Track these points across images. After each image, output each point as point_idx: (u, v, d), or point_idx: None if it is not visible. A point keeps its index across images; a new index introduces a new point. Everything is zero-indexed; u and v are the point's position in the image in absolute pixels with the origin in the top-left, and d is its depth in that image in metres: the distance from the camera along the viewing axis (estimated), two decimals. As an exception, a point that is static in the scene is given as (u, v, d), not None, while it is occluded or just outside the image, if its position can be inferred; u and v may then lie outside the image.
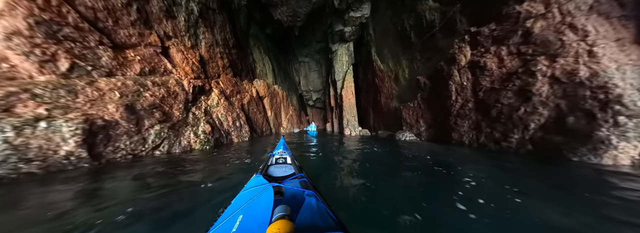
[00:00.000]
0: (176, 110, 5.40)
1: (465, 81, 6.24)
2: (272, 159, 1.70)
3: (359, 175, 2.94)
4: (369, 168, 3.28)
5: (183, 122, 5.48)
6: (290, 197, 0.97)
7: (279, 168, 1.50)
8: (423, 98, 8.01)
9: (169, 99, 5.27)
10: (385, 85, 10.62)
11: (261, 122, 10.54)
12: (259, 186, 1.03)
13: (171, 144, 4.93)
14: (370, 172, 3.07)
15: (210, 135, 5.85)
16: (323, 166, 3.57)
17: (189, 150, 5.24)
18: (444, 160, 3.83)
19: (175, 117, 5.30)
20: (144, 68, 5.10)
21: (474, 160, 3.85)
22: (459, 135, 6.29)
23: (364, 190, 2.30)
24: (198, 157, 4.31)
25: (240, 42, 10.82)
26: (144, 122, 4.47)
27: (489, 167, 3.25)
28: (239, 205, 0.84)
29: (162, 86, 5.21)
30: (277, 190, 1.00)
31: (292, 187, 1.04)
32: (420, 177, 2.69)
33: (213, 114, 6.55)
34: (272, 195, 0.87)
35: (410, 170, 3.03)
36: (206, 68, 7.44)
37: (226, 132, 6.80)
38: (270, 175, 1.36)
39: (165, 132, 4.85)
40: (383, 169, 3.23)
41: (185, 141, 5.27)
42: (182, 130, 5.33)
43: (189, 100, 5.87)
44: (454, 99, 6.42)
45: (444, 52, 7.08)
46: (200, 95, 6.49)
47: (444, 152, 4.81)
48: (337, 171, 3.19)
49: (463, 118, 6.19)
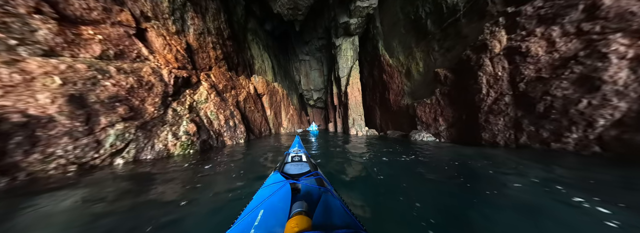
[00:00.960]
0: (150, 105, 4.16)
1: (500, 71, 5.08)
2: (288, 157, 1.66)
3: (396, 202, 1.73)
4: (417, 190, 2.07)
5: (159, 120, 4.23)
6: (307, 193, 0.97)
7: (295, 165, 1.44)
8: (443, 93, 6.85)
9: (140, 90, 4.02)
10: (395, 81, 9.47)
11: (259, 121, 9.29)
12: (277, 183, 1.01)
13: (140, 148, 3.68)
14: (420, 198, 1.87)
15: (194, 136, 4.59)
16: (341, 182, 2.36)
17: (166, 156, 3.98)
18: (502, 168, 2.62)
19: (147, 113, 4.05)
20: (107, 51, 3.85)
21: (541, 165, 2.63)
22: (491, 135, 5.05)
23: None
24: (171, 168, 3.07)
25: (237, 35, 9.61)
26: (98, 119, 3.22)
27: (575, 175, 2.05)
28: (259, 201, 0.84)
29: (132, 74, 3.97)
30: (294, 187, 1.00)
31: (308, 184, 1.03)
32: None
33: (200, 111, 5.29)
34: (289, 192, 0.87)
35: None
36: (194, 58, 6.21)
37: (217, 133, 5.54)
38: (287, 173, 1.27)
39: (131, 133, 3.60)
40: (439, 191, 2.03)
41: (161, 144, 4.01)
42: (156, 130, 4.07)
43: (168, 94, 4.62)
44: (485, 93, 5.22)
45: (471, 39, 5.94)
46: (185, 88, 5.25)
47: (483, 156, 3.61)
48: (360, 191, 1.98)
49: (497, 115, 4.92)
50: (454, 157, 3.68)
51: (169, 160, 3.68)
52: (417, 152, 4.26)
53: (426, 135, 7.16)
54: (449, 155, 3.87)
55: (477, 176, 2.33)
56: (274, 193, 0.87)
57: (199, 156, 4.03)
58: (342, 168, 2.88)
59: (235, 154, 4.22)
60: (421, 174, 2.52)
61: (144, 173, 2.76)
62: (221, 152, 4.49)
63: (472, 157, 3.58)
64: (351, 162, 3.31)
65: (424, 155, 3.84)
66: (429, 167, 2.82)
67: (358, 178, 2.42)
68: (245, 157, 3.97)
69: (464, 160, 3.26)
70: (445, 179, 2.25)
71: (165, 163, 3.36)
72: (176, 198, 1.77)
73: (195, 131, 4.62)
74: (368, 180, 2.35)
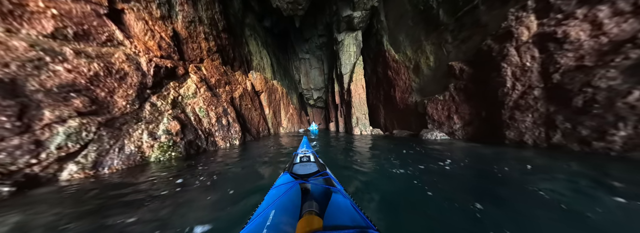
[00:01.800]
0: (121, 97, 3.31)
1: (529, 61, 4.37)
2: (297, 158, 1.58)
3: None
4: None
5: (132, 116, 3.38)
6: (317, 193, 0.95)
7: (304, 166, 1.37)
8: (458, 88, 6.11)
9: (108, 79, 3.18)
10: (401, 77, 8.72)
11: (257, 120, 8.44)
12: (286, 183, 0.98)
13: (103, 151, 2.83)
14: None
15: (177, 136, 3.75)
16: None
17: (139, 160, 3.14)
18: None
19: (117, 108, 3.20)
20: (64, 29, 3.00)
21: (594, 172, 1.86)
22: (517, 133, 4.34)
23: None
24: (134, 181, 2.23)
25: (233, 29, 8.78)
26: (40, 114, 2.38)
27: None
28: (270, 201, 0.81)
29: (98, 60, 3.13)
30: (304, 187, 0.98)
31: (317, 184, 1.01)
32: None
33: (186, 107, 4.45)
34: (299, 192, 0.85)
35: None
36: (183, 48, 5.37)
37: (206, 133, 4.69)
38: (296, 173, 1.20)
39: (91, 132, 2.75)
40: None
41: (133, 146, 3.17)
42: (128, 128, 3.23)
43: (147, 85, 3.78)
44: (510, 86, 4.47)
45: (491, 28, 5.24)
46: (169, 80, 4.40)
47: (515, 158, 2.84)
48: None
49: (524, 110, 4.22)
50: (481, 160, 2.87)
51: (142, 167, 2.85)
52: (439, 155, 3.45)
53: (439, 134, 6.39)
54: (476, 158, 3.07)
55: (526, 189, 1.55)
56: (284, 194, 0.85)
57: (181, 161, 3.20)
58: (359, 183, 2.07)
59: (227, 159, 3.38)
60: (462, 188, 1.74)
61: (83, 192, 1.93)
62: (210, 156, 3.65)
63: (502, 160, 2.79)
64: (370, 175, 2.50)
65: (447, 158, 3.03)
66: (463, 177, 2.04)
67: (384, 198, 1.62)
68: (240, 163, 3.14)
69: (497, 165, 2.46)
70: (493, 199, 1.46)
71: (132, 172, 2.54)
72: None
73: (178, 130, 3.78)
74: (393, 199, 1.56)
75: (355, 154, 3.73)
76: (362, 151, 4.15)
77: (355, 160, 3.09)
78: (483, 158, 3.13)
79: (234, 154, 3.87)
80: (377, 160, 3.10)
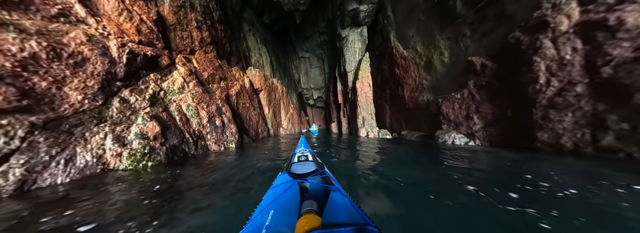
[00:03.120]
0: (76, 90, 2.37)
1: (569, 54, 3.73)
2: (295, 157, 1.52)
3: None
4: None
5: (92, 115, 2.44)
6: (315, 192, 0.92)
7: (302, 165, 1.32)
8: (479, 85, 5.42)
9: (54, 65, 2.24)
10: (410, 75, 7.98)
11: (256, 120, 7.51)
12: (285, 183, 0.95)
13: (37, 165, 1.90)
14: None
15: (157, 141, 2.82)
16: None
17: (99, 173, 2.21)
18: None
19: (66, 103, 2.26)
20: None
21: None
22: (551, 135, 3.76)
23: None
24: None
25: (230, 21, 7.82)
26: None
27: None
28: (269, 201, 0.79)
29: (41, 38, 2.19)
30: (302, 186, 0.95)
31: (315, 183, 0.98)
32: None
33: (170, 105, 3.51)
34: (298, 191, 0.82)
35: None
36: (169, 36, 4.42)
37: (195, 135, 3.76)
38: (294, 173, 1.16)
39: (16, 138, 1.82)
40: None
41: (90, 155, 2.24)
42: (84, 131, 2.29)
43: (116, 76, 2.84)
44: (544, 83, 3.86)
45: (519, 18, 4.61)
46: (149, 71, 3.46)
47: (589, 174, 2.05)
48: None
49: (562, 109, 3.65)
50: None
51: (97, 182, 1.93)
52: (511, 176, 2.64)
53: (458, 136, 5.65)
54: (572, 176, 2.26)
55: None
56: (283, 193, 0.81)
57: (157, 171, 2.29)
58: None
59: (219, 170, 2.48)
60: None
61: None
62: (197, 165, 2.74)
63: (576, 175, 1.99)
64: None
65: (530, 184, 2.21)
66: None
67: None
68: (235, 176, 2.24)
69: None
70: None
71: (73, 196, 1.64)
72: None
73: (158, 133, 2.85)
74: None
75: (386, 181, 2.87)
76: (389, 173, 3.30)
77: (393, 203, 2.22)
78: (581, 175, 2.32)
79: (228, 161, 2.96)
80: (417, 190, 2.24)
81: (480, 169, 2.65)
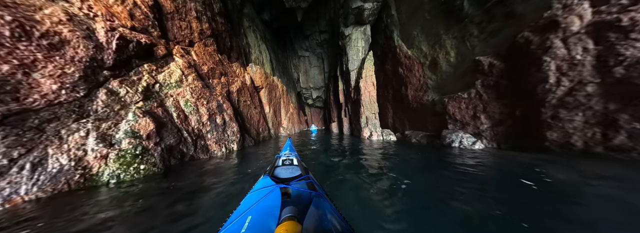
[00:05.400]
0: (50, 78, 1.91)
1: (580, 54, 3.70)
2: (279, 161, 1.41)
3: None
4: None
5: (69, 108, 1.98)
6: (298, 198, 0.85)
7: (286, 169, 1.23)
8: (487, 85, 5.25)
9: (20, 45, 1.77)
10: (415, 74, 7.74)
11: (257, 119, 7.05)
12: (266, 187, 0.88)
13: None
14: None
15: (150, 140, 2.37)
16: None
17: (77, 185, 1.74)
18: None
19: (37, 93, 1.80)
20: None
21: None
22: (561, 135, 3.65)
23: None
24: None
25: (230, 15, 7.32)
26: None
27: None
28: (247, 206, 0.73)
29: (5, 10, 1.71)
30: (284, 191, 0.88)
31: (299, 188, 0.91)
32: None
33: (167, 99, 3.04)
34: (279, 197, 0.76)
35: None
36: (166, 25, 3.94)
37: (194, 134, 3.30)
38: (277, 177, 1.10)
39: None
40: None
41: (66, 158, 1.78)
42: (58, 128, 1.83)
43: (103, 64, 2.38)
44: (553, 82, 3.75)
45: (529, 18, 4.50)
46: (143, 60, 2.98)
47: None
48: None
49: (572, 109, 3.55)
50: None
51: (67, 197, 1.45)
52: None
53: (466, 136, 5.41)
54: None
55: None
56: (263, 198, 0.75)
57: (153, 180, 1.83)
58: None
59: (228, 185, 1.99)
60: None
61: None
62: (200, 172, 2.27)
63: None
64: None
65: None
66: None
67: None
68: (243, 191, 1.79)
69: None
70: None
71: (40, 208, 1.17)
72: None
73: (152, 131, 2.40)
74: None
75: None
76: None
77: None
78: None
79: (231, 169, 2.49)
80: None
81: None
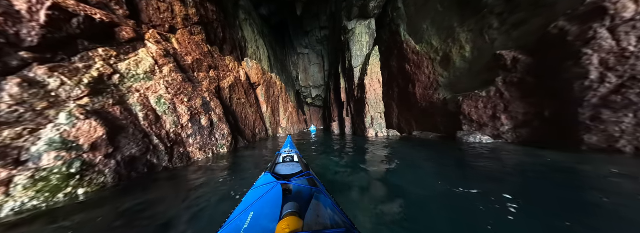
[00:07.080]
0: None
1: (633, 45, 3.00)
2: (280, 158, 1.43)
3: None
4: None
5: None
6: (299, 194, 0.85)
7: (287, 166, 1.24)
8: (509, 82, 4.64)
9: None
10: (423, 71, 7.07)
11: (253, 119, 6.29)
12: (268, 184, 0.89)
13: None
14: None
15: (97, 151, 1.63)
16: None
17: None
18: None
19: None
20: None
21: None
22: (603, 138, 3.15)
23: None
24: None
25: (224, 4, 6.47)
26: None
27: None
28: (249, 203, 0.73)
29: None
30: (285, 187, 0.88)
31: (300, 184, 0.91)
32: None
33: (130, 96, 2.28)
34: (281, 193, 0.76)
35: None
36: (139, 4, 3.11)
37: (170, 140, 2.53)
38: (278, 173, 1.10)
39: None
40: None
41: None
42: None
43: (20, 42, 1.62)
44: (595, 78, 3.23)
45: (562, 6, 4.05)
46: (97, 43, 2.19)
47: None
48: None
49: (620, 109, 3.06)
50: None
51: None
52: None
53: (484, 138, 4.79)
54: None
55: None
56: (265, 195, 0.75)
57: (95, 209, 1.10)
58: None
59: (197, 199, 1.29)
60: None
61: None
62: (167, 187, 1.54)
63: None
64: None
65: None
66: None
67: None
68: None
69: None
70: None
71: None
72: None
73: (100, 138, 1.67)
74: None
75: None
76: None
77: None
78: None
79: (217, 177, 1.77)
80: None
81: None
